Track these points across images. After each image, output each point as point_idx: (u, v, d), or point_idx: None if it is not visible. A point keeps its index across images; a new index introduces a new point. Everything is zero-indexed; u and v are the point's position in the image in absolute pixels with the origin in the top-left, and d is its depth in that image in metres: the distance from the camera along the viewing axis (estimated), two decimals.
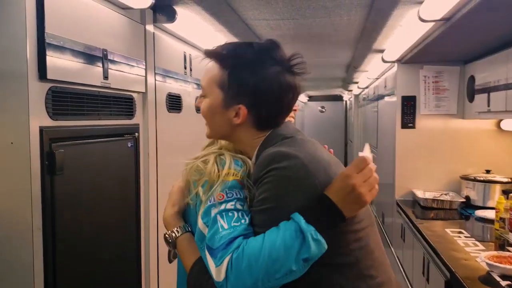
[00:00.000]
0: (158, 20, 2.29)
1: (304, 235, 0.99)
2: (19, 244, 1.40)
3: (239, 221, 1.08)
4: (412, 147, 3.72)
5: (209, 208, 1.11)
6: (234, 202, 1.11)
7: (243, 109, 1.10)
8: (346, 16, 2.71)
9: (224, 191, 1.11)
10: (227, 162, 1.16)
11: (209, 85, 1.14)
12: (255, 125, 1.13)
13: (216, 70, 1.12)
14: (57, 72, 1.48)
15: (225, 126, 1.14)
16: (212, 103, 1.14)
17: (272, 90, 1.09)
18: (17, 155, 1.38)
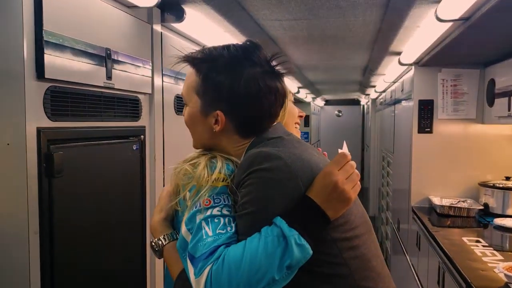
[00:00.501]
0: (166, 20, 2.23)
1: (287, 240, 0.93)
2: (14, 250, 1.35)
3: (224, 229, 1.02)
4: (429, 153, 3.61)
5: (194, 214, 1.05)
6: (221, 208, 1.05)
7: (221, 115, 1.05)
8: (361, 17, 2.63)
9: (212, 196, 1.06)
10: (218, 166, 1.10)
11: (188, 92, 1.10)
12: (237, 132, 1.07)
13: (193, 76, 1.08)
14: (56, 71, 1.43)
15: (207, 134, 1.09)
16: (191, 111, 1.10)
17: (250, 93, 1.03)
18: (13, 157, 1.34)
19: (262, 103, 1.04)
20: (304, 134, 9.80)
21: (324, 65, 4.92)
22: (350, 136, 12.38)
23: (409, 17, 2.42)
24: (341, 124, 12.60)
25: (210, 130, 1.07)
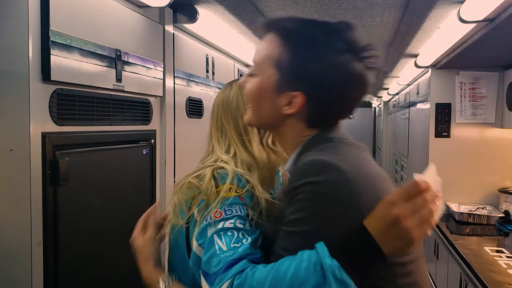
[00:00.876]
0: (179, 20, 2.16)
1: (324, 272, 0.78)
2: (16, 263, 1.28)
3: (239, 242, 0.93)
4: (446, 157, 3.51)
5: (205, 227, 0.97)
6: (234, 220, 0.96)
7: (300, 98, 0.90)
8: (379, 18, 2.54)
9: (223, 208, 0.98)
10: (230, 175, 1.01)
11: (263, 62, 0.94)
12: (306, 120, 0.93)
13: (275, 46, 0.92)
14: (63, 73, 1.36)
15: (271, 114, 0.95)
16: (262, 84, 0.94)
17: (340, 80, 0.89)
18: (16, 163, 1.27)
19: (348, 94, 0.92)
20: None
21: None
22: (361, 138, 12.18)
23: (428, 18, 2.33)
24: (352, 126, 12.46)
25: (277, 111, 0.93)
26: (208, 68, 2.68)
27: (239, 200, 1.00)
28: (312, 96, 0.90)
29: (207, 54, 2.66)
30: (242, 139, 1.14)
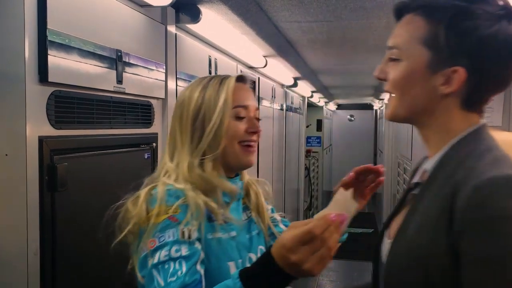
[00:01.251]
0: (181, 20, 2.10)
1: None
2: (12, 271, 1.22)
3: (175, 275, 0.95)
4: None
5: (145, 258, 0.99)
6: (169, 248, 0.97)
7: (460, 73, 0.83)
8: (385, 19, 2.50)
9: (156, 236, 0.99)
10: (159, 197, 1.00)
11: (409, 43, 0.87)
12: (464, 100, 0.86)
13: (420, 24, 0.86)
14: (61, 74, 1.30)
15: (426, 97, 0.87)
16: (410, 67, 0.87)
17: (501, 48, 0.82)
18: (12, 169, 1.21)
19: (510, 67, 0.85)
20: (317, 138, 9.67)
21: (340, 69, 4.83)
22: (362, 140, 12.27)
23: None
24: (353, 128, 12.48)
25: (433, 92, 0.86)
26: (210, 69, 2.62)
27: (170, 222, 1.00)
28: (473, 70, 0.83)
29: (210, 55, 2.61)
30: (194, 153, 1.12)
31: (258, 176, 3.91)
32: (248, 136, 1.15)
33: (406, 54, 0.88)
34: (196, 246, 1.02)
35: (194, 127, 1.12)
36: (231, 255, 1.09)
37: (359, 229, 6.18)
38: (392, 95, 0.93)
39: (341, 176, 3.92)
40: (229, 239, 1.10)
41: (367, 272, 5.79)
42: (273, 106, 4.62)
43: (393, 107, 0.92)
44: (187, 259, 0.98)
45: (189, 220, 1.01)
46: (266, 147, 4.37)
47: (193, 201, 1.03)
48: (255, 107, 1.19)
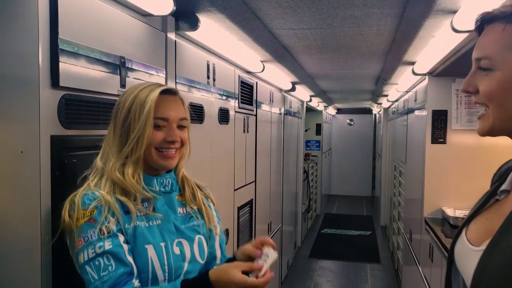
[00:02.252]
0: (180, 28, 2.24)
1: None
2: (27, 258, 1.35)
3: (106, 269, 1.18)
4: (442, 163, 3.58)
5: (76, 256, 1.20)
6: (93, 246, 1.18)
7: None
8: (376, 26, 2.62)
9: (81, 236, 1.19)
10: (76, 204, 1.21)
11: (501, 52, 0.88)
12: None
13: (510, 33, 0.88)
14: (71, 79, 1.43)
15: None
16: (508, 76, 0.87)
17: None
18: (27, 165, 1.33)
19: None
20: (316, 142, 9.77)
21: (336, 74, 4.92)
22: (361, 144, 12.35)
23: (423, 28, 2.40)
24: (352, 132, 12.57)
25: None
26: (209, 74, 2.75)
27: (89, 223, 1.20)
28: None
29: (208, 61, 2.74)
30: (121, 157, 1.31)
31: (256, 178, 4.03)
32: (165, 144, 1.33)
33: (499, 63, 0.88)
34: (118, 239, 1.22)
35: (122, 132, 1.30)
36: (149, 239, 1.27)
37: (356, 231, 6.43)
38: (484, 110, 0.93)
39: (340, 180, 4.20)
40: (149, 227, 1.29)
41: (363, 272, 5.90)
42: (271, 110, 4.73)
43: (489, 121, 0.92)
44: (112, 253, 1.20)
45: (105, 218, 1.21)
46: (265, 150, 4.47)
47: (105, 201, 1.23)
48: (178, 118, 1.35)
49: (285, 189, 5.70)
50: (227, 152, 3.19)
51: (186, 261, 1.33)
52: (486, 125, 0.93)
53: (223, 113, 3.01)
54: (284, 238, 5.68)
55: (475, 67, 0.94)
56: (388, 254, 6.73)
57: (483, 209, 1.02)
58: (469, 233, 1.00)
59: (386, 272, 6.03)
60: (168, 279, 1.27)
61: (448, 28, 2.17)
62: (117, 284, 1.17)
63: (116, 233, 1.22)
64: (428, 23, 2.30)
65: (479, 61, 0.92)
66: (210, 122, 2.76)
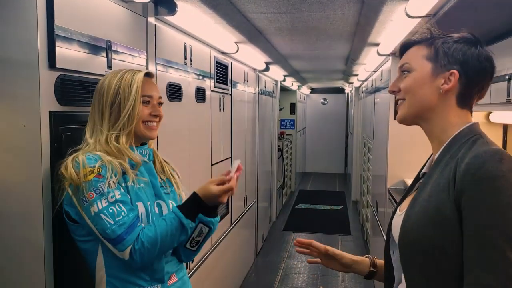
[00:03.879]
0: (160, 13, 2.41)
1: (184, 226, 1.48)
2: (32, 219, 1.54)
3: (120, 215, 1.42)
4: (404, 138, 3.84)
5: (88, 208, 1.41)
6: (106, 196, 1.41)
7: (455, 73, 1.17)
8: (340, 11, 2.82)
9: (92, 189, 1.39)
10: (81, 162, 1.41)
11: (416, 60, 1.22)
12: (457, 98, 1.20)
13: (422, 49, 1.22)
14: (65, 61, 1.61)
15: (431, 95, 1.20)
16: (420, 74, 1.21)
17: (481, 62, 1.18)
18: (29, 137, 1.52)
19: (486, 74, 1.20)
20: (290, 121, 9.99)
21: (308, 55, 5.09)
22: (334, 123, 12.61)
23: (382, 12, 2.63)
24: (326, 111, 12.82)
25: (436, 91, 1.20)
26: (186, 55, 2.93)
27: (98, 179, 1.41)
28: (463, 72, 1.17)
29: (185, 43, 2.92)
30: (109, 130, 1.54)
31: (232, 154, 4.24)
32: (150, 118, 1.60)
33: (415, 66, 1.22)
34: (123, 191, 1.47)
35: (112, 110, 1.54)
36: (139, 198, 1.53)
37: (329, 206, 6.75)
38: (402, 102, 1.25)
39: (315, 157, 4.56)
40: (138, 188, 1.54)
41: (334, 244, 6.21)
42: (246, 90, 4.90)
43: (405, 108, 1.25)
44: (122, 202, 1.43)
45: (110, 174, 1.44)
46: (240, 128, 4.65)
47: (108, 162, 1.46)
48: (158, 96, 1.65)
49: (260, 166, 5.92)
50: (204, 129, 3.39)
51: None
52: (403, 112, 1.26)
53: (200, 92, 3.20)
54: (260, 213, 5.93)
55: (398, 73, 1.27)
56: (358, 226, 7.07)
57: (412, 192, 1.32)
58: (400, 208, 1.30)
59: (356, 242, 6.37)
60: None
61: (403, 14, 2.40)
62: (131, 225, 1.42)
63: (120, 186, 1.47)
64: (386, 8, 2.53)
65: (402, 66, 1.26)
66: (187, 101, 2.95)
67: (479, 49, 1.19)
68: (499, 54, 2.43)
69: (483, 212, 1.02)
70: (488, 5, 1.99)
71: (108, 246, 1.43)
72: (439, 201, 1.10)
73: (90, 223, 1.42)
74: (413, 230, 1.14)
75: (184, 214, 1.48)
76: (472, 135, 1.16)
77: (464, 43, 1.20)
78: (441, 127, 1.21)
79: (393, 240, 1.32)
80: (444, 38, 1.21)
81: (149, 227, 1.46)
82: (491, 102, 2.61)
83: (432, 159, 1.29)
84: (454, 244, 1.06)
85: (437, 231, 1.09)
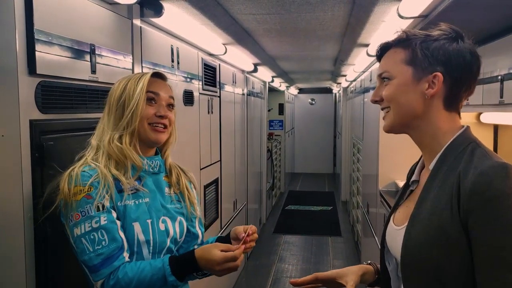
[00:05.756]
0: (145, 15, 2.33)
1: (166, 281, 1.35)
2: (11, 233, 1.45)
3: (100, 244, 1.32)
4: (395, 139, 3.79)
5: (72, 228, 1.34)
6: (90, 221, 1.32)
7: (439, 76, 1.10)
8: (330, 12, 2.78)
9: (78, 210, 1.33)
10: (73, 179, 1.34)
11: (395, 66, 1.15)
12: (443, 101, 1.13)
13: (400, 53, 1.15)
14: (46, 66, 1.53)
15: (416, 101, 1.13)
16: (399, 82, 1.14)
17: (465, 59, 1.10)
18: (8, 147, 1.43)
19: (472, 68, 1.12)
20: (279, 122, 9.96)
21: (296, 56, 5.06)
22: (322, 123, 12.63)
23: (374, 13, 2.58)
24: (314, 112, 12.82)
25: (421, 97, 1.12)
26: (173, 58, 2.86)
27: (86, 199, 1.33)
28: (447, 73, 1.10)
29: (172, 45, 2.84)
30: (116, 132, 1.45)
31: (221, 157, 4.18)
32: (156, 119, 1.49)
33: (395, 73, 1.14)
34: (111, 214, 1.36)
35: (117, 109, 1.46)
36: (136, 217, 1.42)
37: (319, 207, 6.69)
38: (387, 111, 1.18)
39: (303, 158, 4.49)
40: (138, 204, 1.43)
41: (325, 245, 6.18)
42: (234, 91, 4.85)
43: (391, 118, 1.17)
44: (106, 229, 1.33)
45: (101, 195, 1.35)
46: (229, 130, 4.59)
47: (103, 177, 1.37)
48: (168, 96, 1.53)
49: (249, 168, 5.87)
50: (192, 133, 3.32)
51: (169, 237, 1.48)
52: (389, 121, 1.18)
53: (188, 95, 3.13)
54: (250, 215, 5.88)
55: (379, 81, 1.20)
56: (349, 228, 7.05)
57: (403, 200, 1.26)
58: (395, 220, 1.24)
59: (347, 244, 6.33)
60: (152, 253, 1.43)
61: (395, 14, 2.35)
62: (110, 258, 1.32)
63: (110, 209, 1.36)
64: (378, 9, 2.48)
65: (381, 75, 1.18)
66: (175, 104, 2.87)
67: (460, 44, 1.11)
68: (492, 54, 2.42)
69: (495, 233, 0.97)
70: (482, 6, 1.95)
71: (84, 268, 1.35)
72: (442, 221, 1.03)
73: (72, 243, 1.35)
74: (415, 251, 1.08)
75: (172, 270, 1.34)
76: (467, 143, 1.10)
77: (443, 40, 1.11)
78: (430, 135, 1.15)
79: (388, 251, 1.28)
80: (422, 38, 1.12)
81: (132, 266, 1.35)
82: (483, 103, 2.58)
83: (422, 166, 1.23)
84: (460, 265, 1.01)
85: (442, 253, 1.03)
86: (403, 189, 1.30)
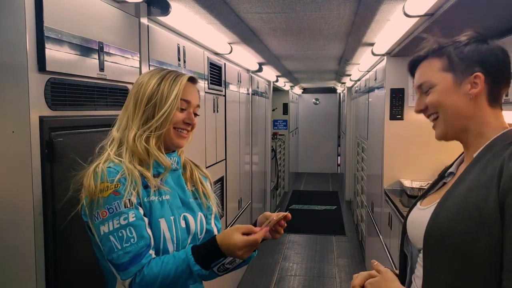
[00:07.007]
0: (152, 13, 2.35)
1: (191, 271, 1.32)
2: (22, 228, 1.47)
3: (128, 241, 1.29)
4: (400, 138, 3.82)
5: (98, 225, 1.30)
6: (118, 218, 1.29)
7: (480, 75, 1.16)
8: (336, 10, 2.78)
9: (105, 207, 1.29)
10: (99, 175, 1.31)
11: (434, 75, 1.21)
12: (488, 100, 1.18)
13: (436, 61, 1.21)
14: (56, 64, 1.55)
15: (462, 103, 1.18)
16: (441, 88, 1.20)
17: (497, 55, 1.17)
18: (18, 144, 1.45)
19: (506, 66, 1.19)
20: (283, 121, 9.96)
21: (301, 55, 5.06)
22: (326, 123, 12.63)
23: (379, 12, 2.59)
24: (318, 111, 12.82)
25: (466, 98, 1.18)
26: (179, 56, 2.87)
27: (114, 196, 1.30)
28: (486, 71, 1.16)
29: (179, 44, 2.86)
30: (143, 130, 1.41)
31: (226, 156, 4.19)
32: (183, 125, 1.48)
33: (435, 81, 1.20)
34: (139, 211, 1.34)
35: (146, 108, 1.42)
36: (162, 213, 1.40)
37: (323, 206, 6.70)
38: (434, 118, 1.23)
39: (307, 157, 4.51)
40: (161, 201, 1.42)
41: (329, 244, 6.18)
42: (239, 91, 4.86)
43: (441, 124, 1.22)
44: (134, 226, 1.31)
45: (128, 191, 1.32)
46: (234, 129, 4.60)
47: (130, 173, 1.35)
48: (196, 104, 1.52)
49: (254, 167, 5.88)
50: (198, 131, 3.32)
51: (190, 234, 1.48)
52: (441, 128, 1.23)
53: None
54: (254, 214, 5.88)
55: (419, 93, 1.27)
56: (353, 227, 7.05)
57: (433, 191, 1.30)
58: (422, 204, 1.29)
59: (351, 243, 6.34)
60: (175, 251, 1.41)
61: (401, 13, 2.36)
62: (138, 256, 1.29)
63: (137, 206, 1.34)
64: (383, 7, 2.49)
65: (421, 86, 1.25)
66: None
67: (490, 44, 1.18)
68: None
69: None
70: (487, 4, 1.96)
71: (111, 267, 1.33)
72: (479, 197, 1.06)
73: (99, 241, 1.32)
74: (444, 224, 1.11)
75: (195, 259, 1.31)
76: None
77: (474, 43, 1.17)
78: (479, 132, 1.19)
79: (407, 238, 1.29)
80: (453, 45, 1.19)
81: (156, 261, 1.32)
82: None
83: (461, 162, 1.27)
84: (488, 243, 1.03)
85: (473, 227, 1.05)
86: (435, 181, 1.34)
